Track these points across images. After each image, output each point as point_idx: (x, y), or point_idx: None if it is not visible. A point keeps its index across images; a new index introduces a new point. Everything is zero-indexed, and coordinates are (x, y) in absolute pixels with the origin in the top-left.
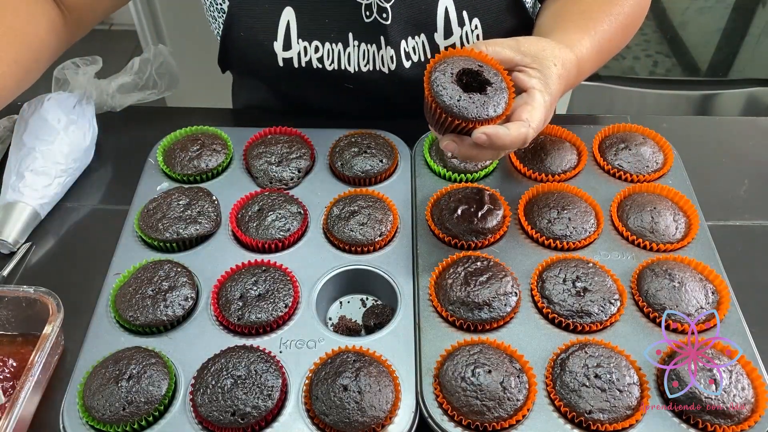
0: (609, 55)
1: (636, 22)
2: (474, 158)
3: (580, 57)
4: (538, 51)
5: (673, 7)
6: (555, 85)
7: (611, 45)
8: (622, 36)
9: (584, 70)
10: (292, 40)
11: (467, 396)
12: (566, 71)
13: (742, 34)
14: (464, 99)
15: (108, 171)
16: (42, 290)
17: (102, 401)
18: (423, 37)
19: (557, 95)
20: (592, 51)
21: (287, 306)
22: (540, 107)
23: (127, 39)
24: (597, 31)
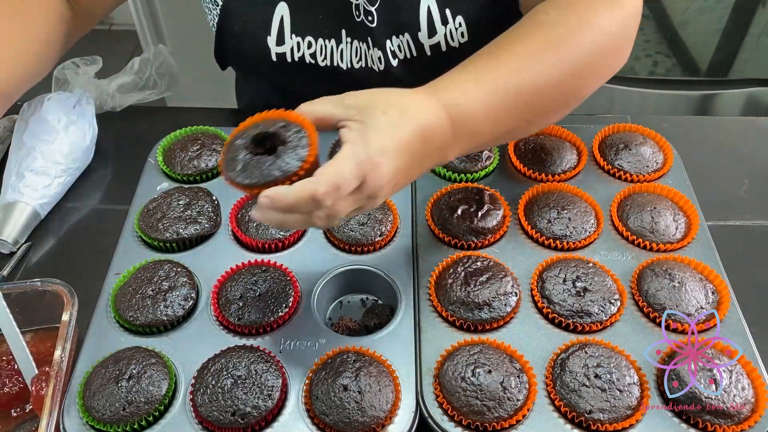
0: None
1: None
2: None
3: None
4: (366, 102)
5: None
6: (381, 134)
7: (531, 92)
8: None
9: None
10: (285, 35)
11: (467, 396)
12: (410, 119)
13: (742, 34)
14: (251, 165)
15: (108, 171)
16: (53, 281)
17: (102, 401)
18: (407, 36)
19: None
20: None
21: (287, 306)
22: (342, 160)
23: (127, 39)
24: (497, 72)
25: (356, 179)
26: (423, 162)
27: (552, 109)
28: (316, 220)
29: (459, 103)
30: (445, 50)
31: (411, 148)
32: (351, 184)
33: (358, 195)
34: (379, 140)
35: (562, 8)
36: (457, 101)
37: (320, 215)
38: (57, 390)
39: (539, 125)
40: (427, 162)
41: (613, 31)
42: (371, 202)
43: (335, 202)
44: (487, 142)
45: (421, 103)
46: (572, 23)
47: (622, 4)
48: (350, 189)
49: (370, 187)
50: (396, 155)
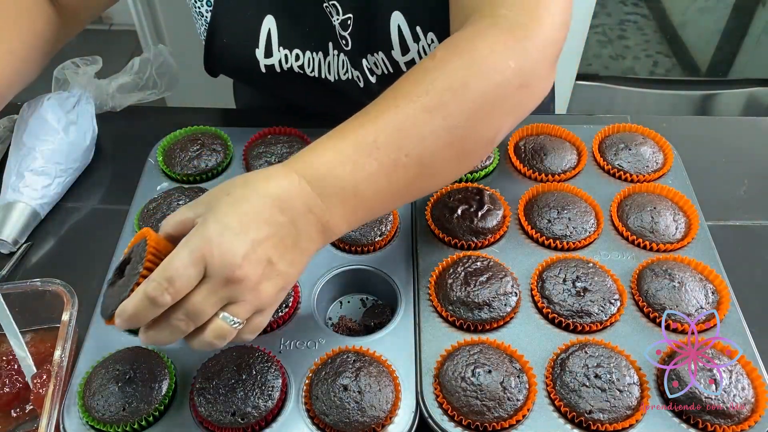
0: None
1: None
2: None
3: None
4: (212, 193)
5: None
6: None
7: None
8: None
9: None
10: (273, 48)
11: (467, 396)
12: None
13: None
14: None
15: (108, 171)
16: (53, 281)
17: (102, 401)
18: (381, 54)
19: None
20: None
21: (287, 306)
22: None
23: (127, 39)
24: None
25: (192, 266)
26: (298, 230)
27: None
28: (179, 324)
29: (314, 164)
30: None
31: (265, 218)
32: (187, 272)
33: (211, 282)
34: (218, 221)
35: (452, 48)
36: (311, 162)
37: (179, 317)
38: (57, 390)
39: (446, 179)
40: (304, 229)
41: (511, 65)
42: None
43: (189, 299)
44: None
45: (269, 174)
46: (459, 64)
47: (525, 34)
48: (188, 278)
49: (220, 268)
50: (244, 228)
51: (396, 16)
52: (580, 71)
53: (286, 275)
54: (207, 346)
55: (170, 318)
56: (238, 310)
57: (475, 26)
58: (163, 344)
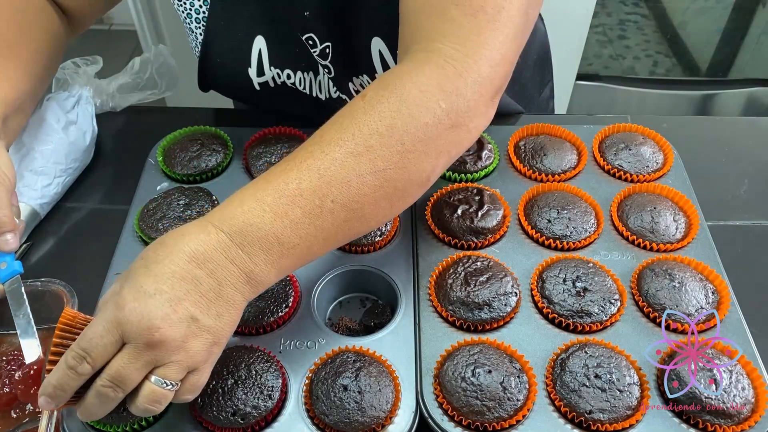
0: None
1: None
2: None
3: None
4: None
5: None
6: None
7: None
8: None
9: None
10: (264, 67)
11: (467, 396)
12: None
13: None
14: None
15: (108, 171)
16: (53, 281)
17: None
18: (366, 77)
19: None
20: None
21: (287, 306)
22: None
23: (127, 39)
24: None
25: (107, 334)
26: (219, 281)
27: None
28: (106, 391)
29: (232, 215)
30: None
31: (181, 275)
32: (103, 341)
33: (132, 348)
34: (132, 287)
35: (382, 87)
36: (228, 214)
37: (105, 383)
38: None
39: (379, 220)
40: (226, 280)
41: (442, 106)
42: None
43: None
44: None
45: (184, 231)
46: (386, 105)
47: (458, 72)
48: (104, 346)
49: (137, 333)
50: (159, 289)
51: (376, 42)
52: (580, 71)
53: (214, 329)
54: (144, 412)
55: (96, 385)
56: (168, 372)
57: (409, 62)
58: (98, 417)
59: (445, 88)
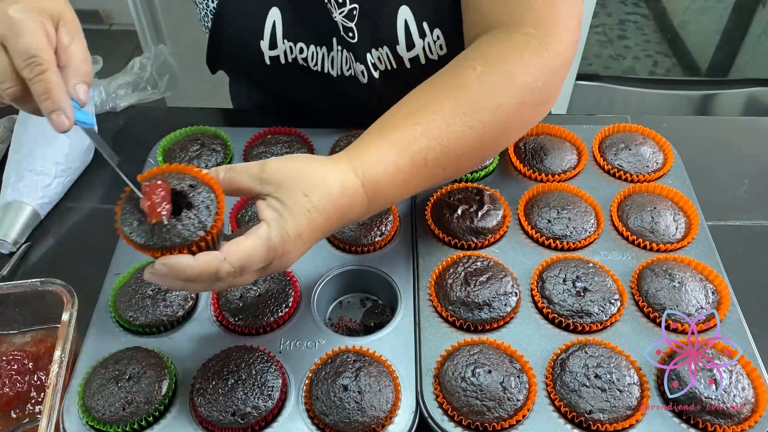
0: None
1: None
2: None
3: (373, 181)
4: (286, 179)
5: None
6: (299, 220)
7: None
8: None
9: (389, 192)
10: (277, 40)
11: (467, 396)
12: (331, 202)
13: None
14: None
15: (108, 171)
16: (53, 281)
17: (102, 401)
18: (386, 48)
19: (307, 230)
20: (400, 171)
21: (287, 306)
22: (256, 241)
23: (127, 39)
24: (417, 145)
25: (263, 262)
26: (338, 224)
27: (467, 168)
28: (216, 288)
29: (378, 182)
30: (424, 63)
31: (325, 228)
32: (257, 266)
33: (261, 272)
34: (295, 226)
35: (490, 64)
36: (377, 179)
37: (221, 286)
38: (57, 390)
39: (452, 179)
40: (341, 223)
41: (537, 87)
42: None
43: (241, 279)
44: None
45: (345, 185)
46: (498, 83)
47: (551, 55)
48: (255, 270)
49: (274, 268)
50: (309, 239)
51: (403, 10)
52: (580, 71)
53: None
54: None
55: (213, 285)
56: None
57: (507, 42)
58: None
59: (542, 70)
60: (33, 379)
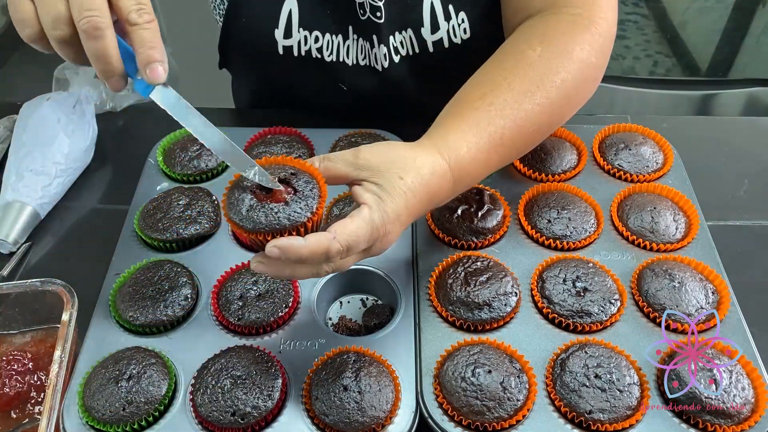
0: (524, 146)
1: (572, 103)
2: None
3: (458, 162)
4: (380, 164)
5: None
6: (397, 202)
7: (522, 136)
8: (543, 121)
9: (472, 172)
10: (293, 29)
11: (467, 396)
12: (423, 184)
13: (742, 34)
14: (257, 209)
15: (108, 171)
16: (53, 281)
17: (102, 401)
18: (410, 31)
19: (404, 212)
20: (480, 151)
21: (287, 306)
22: (360, 222)
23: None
24: (493, 125)
25: (367, 243)
26: (422, 214)
27: (535, 143)
28: (322, 272)
29: (462, 162)
30: (448, 47)
31: (418, 210)
32: (362, 247)
33: (362, 255)
34: (394, 208)
35: (548, 43)
36: (461, 160)
37: (327, 269)
38: (57, 390)
39: (521, 156)
40: (432, 205)
41: (592, 62)
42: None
43: (346, 261)
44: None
45: (434, 167)
46: (558, 60)
47: (600, 33)
48: (360, 250)
49: (376, 250)
50: (405, 221)
51: None
52: None
53: None
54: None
55: (320, 268)
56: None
57: (559, 22)
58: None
59: (594, 47)
60: (33, 379)
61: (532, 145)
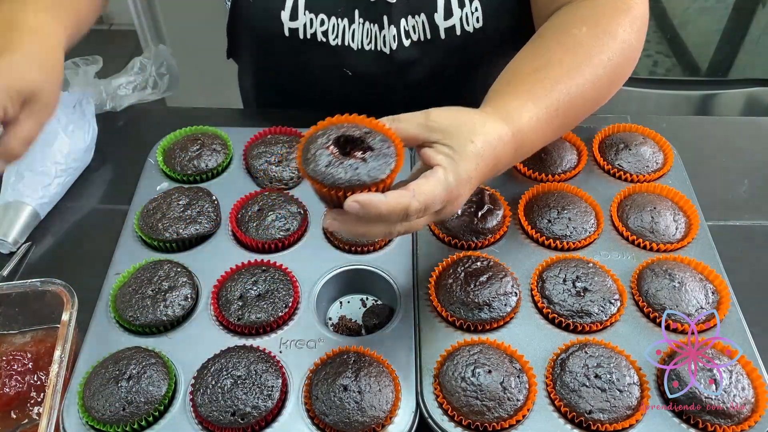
0: (573, 121)
1: (616, 82)
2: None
3: (519, 129)
4: (451, 126)
5: (673, 7)
6: (469, 164)
7: (573, 110)
8: (592, 97)
9: (530, 141)
10: (299, 11)
11: (467, 396)
12: (491, 149)
13: (742, 34)
14: (335, 165)
15: (108, 171)
16: (53, 281)
17: (102, 401)
18: (423, 16)
19: (474, 175)
20: (539, 120)
21: (287, 306)
22: (436, 182)
23: (127, 39)
24: (549, 97)
25: (441, 204)
26: (487, 179)
27: (582, 118)
28: (395, 232)
29: (524, 131)
30: (459, 34)
31: (485, 174)
32: (436, 207)
33: (435, 216)
34: (466, 170)
35: (592, 24)
36: (523, 128)
37: (400, 230)
38: (57, 390)
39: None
40: (488, 178)
41: (633, 43)
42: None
43: (418, 222)
44: None
45: (500, 133)
46: (604, 40)
47: (636, 15)
48: (433, 211)
49: (446, 213)
50: (474, 184)
51: None
52: None
53: None
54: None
55: (394, 227)
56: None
57: (599, 6)
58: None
59: (634, 27)
60: (33, 379)
61: (580, 119)
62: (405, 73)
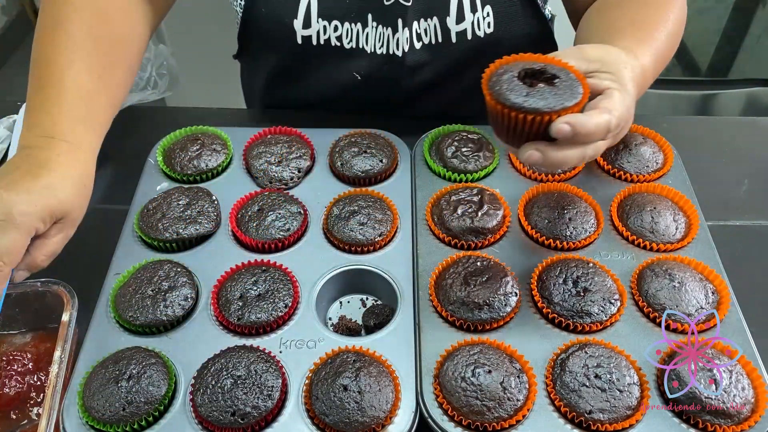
0: (664, 65)
1: (681, 29)
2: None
3: (643, 67)
4: (606, 55)
5: None
6: (630, 89)
7: (667, 53)
8: (674, 43)
9: (648, 80)
10: (312, 19)
11: (467, 396)
12: (637, 77)
13: (742, 34)
14: (533, 94)
15: (108, 171)
16: (53, 281)
17: (102, 401)
18: (435, 20)
19: (634, 98)
20: (652, 61)
21: (287, 306)
22: (621, 100)
23: None
24: (654, 40)
25: (624, 121)
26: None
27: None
28: (587, 156)
29: (645, 69)
30: (470, 38)
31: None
32: (623, 125)
33: (612, 140)
34: (631, 93)
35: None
36: (645, 67)
37: (590, 153)
38: (57, 390)
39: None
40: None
41: (683, 16)
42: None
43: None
44: None
45: (636, 65)
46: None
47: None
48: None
49: (621, 135)
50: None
51: None
52: None
53: None
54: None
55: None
56: None
57: None
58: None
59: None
60: (33, 379)
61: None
62: (413, 76)
